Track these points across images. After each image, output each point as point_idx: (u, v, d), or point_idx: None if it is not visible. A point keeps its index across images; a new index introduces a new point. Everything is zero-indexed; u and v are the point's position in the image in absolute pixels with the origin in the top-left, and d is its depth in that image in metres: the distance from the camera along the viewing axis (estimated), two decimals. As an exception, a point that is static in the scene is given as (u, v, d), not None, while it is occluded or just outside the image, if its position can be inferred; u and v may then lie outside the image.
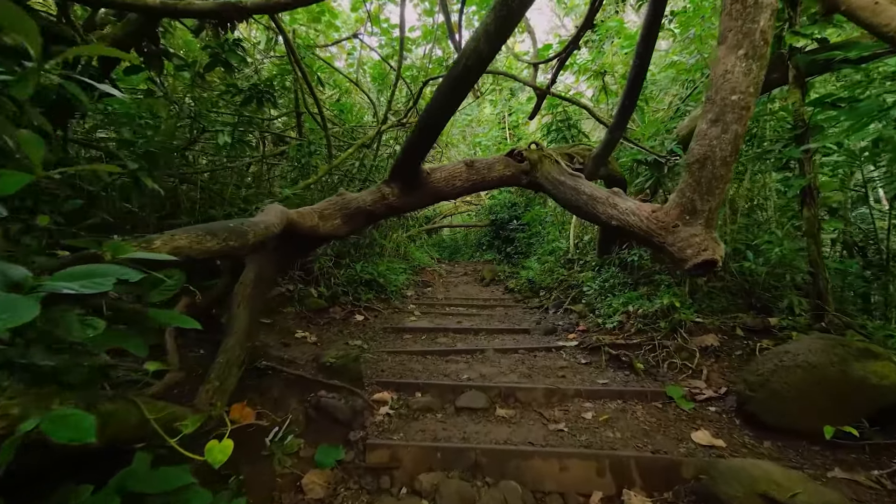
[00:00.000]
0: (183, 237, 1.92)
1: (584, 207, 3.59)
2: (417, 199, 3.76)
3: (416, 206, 3.81)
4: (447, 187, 3.81)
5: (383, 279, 7.23)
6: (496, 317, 6.65)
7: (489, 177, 3.96)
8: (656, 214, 3.10)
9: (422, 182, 3.72)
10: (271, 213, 2.87)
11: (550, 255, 8.48)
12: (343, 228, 3.62)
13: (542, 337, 5.56)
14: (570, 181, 3.79)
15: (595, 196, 3.54)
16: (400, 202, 3.70)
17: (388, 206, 3.69)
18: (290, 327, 5.25)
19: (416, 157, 3.46)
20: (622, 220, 3.29)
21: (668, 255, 3.07)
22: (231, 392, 2.86)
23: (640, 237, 3.22)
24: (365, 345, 5.09)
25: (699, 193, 2.88)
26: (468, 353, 4.95)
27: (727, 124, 2.79)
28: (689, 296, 5.04)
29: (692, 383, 4.04)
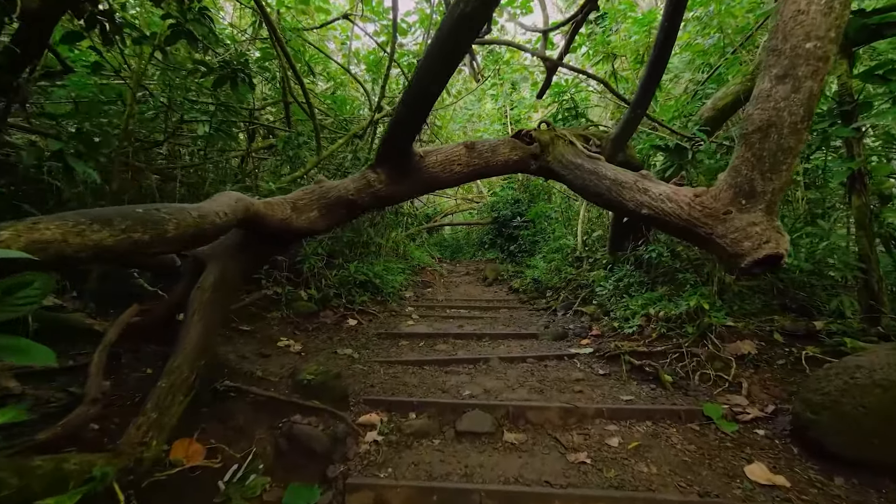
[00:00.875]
0: (52, 226, 1.29)
1: (607, 194, 2.95)
2: (409, 186, 3.12)
3: (407, 194, 3.18)
4: (444, 173, 3.17)
5: (379, 280, 6.60)
6: (500, 320, 6.02)
7: (493, 161, 3.32)
8: (701, 200, 2.45)
9: (414, 167, 3.08)
10: (220, 200, 2.24)
11: (557, 253, 7.83)
12: (321, 222, 2.99)
13: (553, 343, 4.91)
14: (588, 164, 3.15)
15: (620, 181, 2.90)
16: (388, 190, 3.07)
17: (375, 196, 3.06)
18: (274, 335, 4.62)
19: (405, 137, 2.83)
20: (655, 208, 2.65)
21: (716, 251, 2.43)
22: (174, 425, 2.23)
23: (677, 228, 2.58)
24: (356, 354, 4.46)
25: (760, 170, 2.23)
26: (470, 362, 4.31)
27: (798, 80, 2.14)
28: (717, 296, 4.38)
29: (731, 399, 3.39)
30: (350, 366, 4.10)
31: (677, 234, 2.66)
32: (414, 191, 3.18)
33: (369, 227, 7.02)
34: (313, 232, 3.00)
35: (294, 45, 5.79)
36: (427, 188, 3.22)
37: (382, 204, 3.17)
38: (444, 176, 3.17)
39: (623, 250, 6.06)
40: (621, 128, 3.63)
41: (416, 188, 3.17)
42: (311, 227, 2.95)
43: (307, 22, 6.55)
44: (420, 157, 3.10)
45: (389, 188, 3.06)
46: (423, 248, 10.67)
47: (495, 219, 10.79)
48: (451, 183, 3.24)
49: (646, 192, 2.74)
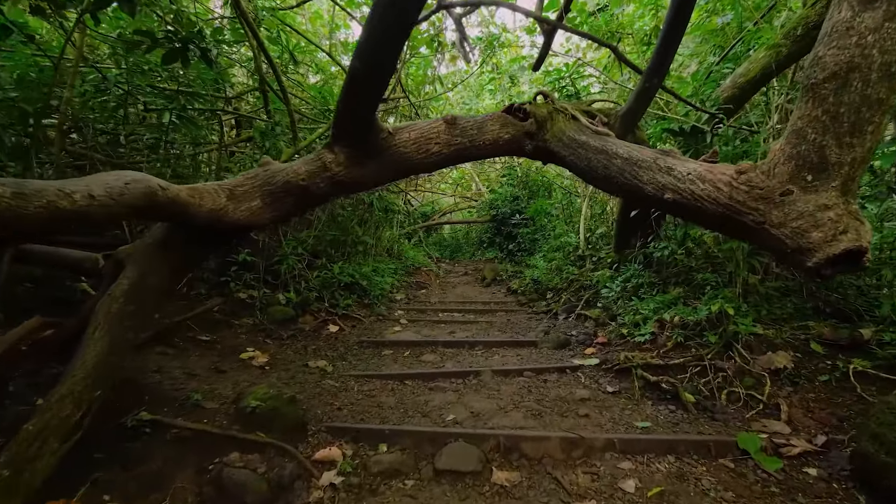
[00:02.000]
0: None
1: (619, 177, 2.31)
2: (375, 170, 2.49)
3: (373, 180, 2.54)
4: (419, 154, 2.54)
5: (367, 282, 5.98)
6: (496, 325, 5.38)
7: (479, 140, 2.68)
8: (747, 177, 1.80)
9: (380, 146, 2.45)
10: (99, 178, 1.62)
11: (558, 252, 7.18)
12: (265, 213, 2.37)
13: (553, 352, 4.27)
14: (594, 141, 2.51)
15: (635, 159, 2.26)
16: (349, 174, 2.44)
17: (333, 181, 2.43)
18: (240, 345, 4.01)
19: (365, 103, 2.20)
20: (683, 192, 2.01)
21: (771, 245, 1.78)
22: (36, 485, 1.61)
23: (715, 217, 1.93)
24: (330, 366, 3.84)
25: (835, 134, 1.58)
26: (459, 376, 3.67)
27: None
28: (741, 299, 3.72)
29: (769, 426, 2.74)
30: (319, 381, 3.48)
31: (715, 224, 2.01)
32: (382, 176, 2.54)
33: (357, 225, 6.40)
34: (255, 226, 2.37)
35: (269, 25, 5.19)
36: (398, 172, 2.59)
37: (343, 191, 2.54)
38: (419, 157, 2.54)
39: (630, 248, 5.41)
40: (633, 100, 2.99)
41: (385, 172, 2.53)
42: (253, 220, 2.33)
43: (286, 2, 5.94)
44: (388, 133, 2.47)
45: (350, 172, 2.43)
46: (418, 248, 10.04)
47: (494, 217, 10.14)
48: (427, 167, 2.60)
49: (669, 171, 2.10)
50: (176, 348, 3.56)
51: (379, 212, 6.76)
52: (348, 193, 2.55)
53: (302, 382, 3.41)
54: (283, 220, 2.55)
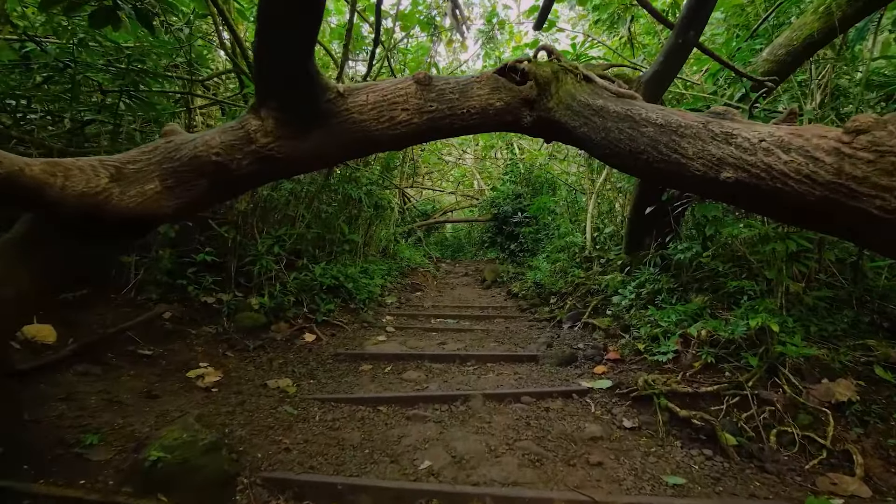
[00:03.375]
0: None
1: (651, 152, 1.61)
2: (319, 143, 1.81)
3: (319, 156, 1.86)
4: (380, 124, 1.85)
5: (353, 284, 5.31)
6: (493, 334, 4.68)
7: (461, 108, 1.99)
8: (871, 138, 1.10)
9: (327, 110, 1.77)
10: None
11: (562, 253, 6.47)
12: (166, 200, 1.69)
13: (557, 370, 3.56)
14: (616, 106, 1.82)
15: (675, 125, 1.56)
16: (283, 148, 1.76)
17: (261, 157, 1.75)
18: (191, 359, 3.35)
19: (290, 45, 1.51)
20: (753, 167, 1.29)
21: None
22: None
23: (804, 203, 1.20)
24: (293, 386, 3.17)
25: None
26: (444, 401, 2.99)
27: None
28: (783, 311, 3.00)
29: (842, 484, 2.03)
30: (275, 408, 2.81)
31: (804, 214, 1.30)
32: (330, 151, 1.86)
33: (344, 223, 5.73)
34: (154, 217, 1.70)
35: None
36: (353, 147, 1.90)
37: (277, 171, 1.86)
38: (380, 128, 1.85)
39: (643, 249, 4.70)
40: (662, 61, 2.27)
41: (334, 147, 1.85)
42: (148, 209, 1.66)
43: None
44: (338, 95, 1.79)
45: (284, 144, 1.75)
46: (415, 247, 9.36)
47: (495, 215, 9.44)
48: (392, 140, 1.91)
49: (729, 139, 1.41)
50: (106, 366, 2.91)
51: (368, 208, 6.08)
52: (286, 174, 1.89)
53: (251, 410, 2.74)
54: (194, 209, 1.88)
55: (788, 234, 2.88)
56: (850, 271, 3.36)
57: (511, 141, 10.00)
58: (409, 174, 9.46)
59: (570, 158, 8.77)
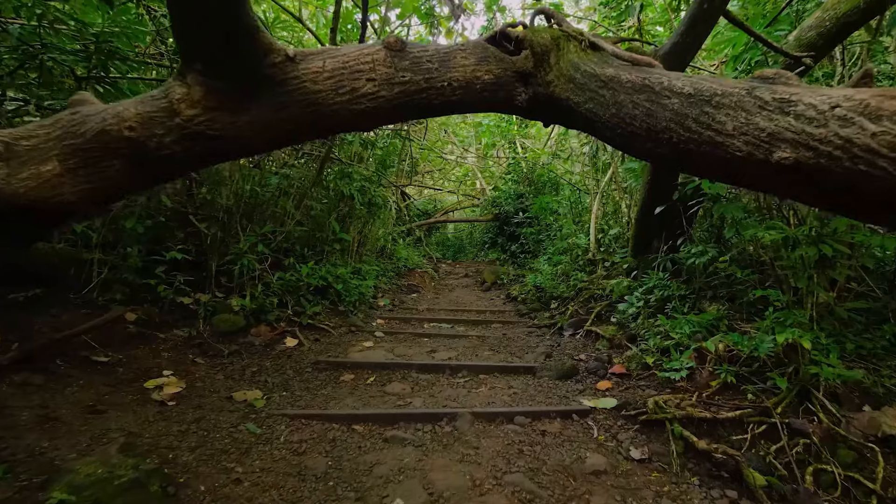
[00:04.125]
0: None
1: (676, 129, 1.22)
2: (262, 118, 1.45)
3: (263, 135, 1.49)
4: (339, 96, 1.49)
5: (342, 286, 4.96)
6: (489, 341, 4.30)
7: (441, 80, 1.62)
8: None
9: (271, 77, 1.41)
10: None
11: (564, 255, 6.08)
12: (69, 185, 1.34)
13: (555, 384, 3.19)
14: (629, 75, 1.44)
15: (708, 93, 1.17)
16: (214, 123, 1.40)
17: (187, 133, 1.39)
18: (154, 367, 3.01)
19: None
20: (823, 142, 0.89)
21: None
22: None
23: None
24: (262, 400, 2.82)
25: None
26: (429, 420, 2.62)
27: None
28: (814, 324, 2.60)
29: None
30: (235, 427, 2.46)
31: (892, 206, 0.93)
32: (277, 128, 1.49)
33: (335, 221, 5.38)
34: (54, 207, 1.34)
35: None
36: (306, 125, 1.53)
37: (213, 153, 1.49)
38: (339, 101, 1.49)
39: (651, 252, 4.30)
40: (683, 32, 1.87)
41: (283, 123, 1.48)
42: (45, 196, 1.30)
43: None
44: (286, 58, 1.43)
45: (218, 118, 1.39)
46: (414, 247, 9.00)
47: (496, 215, 9.06)
48: (356, 118, 1.54)
49: (785, 107, 1.04)
50: (51, 375, 2.57)
51: (362, 206, 5.73)
52: (225, 156, 1.53)
53: (208, 429, 2.39)
54: (108, 197, 1.50)
55: (822, 237, 2.48)
56: (885, 280, 2.96)
57: (514, 139, 9.61)
58: (407, 172, 9.09)
59: (575, 157, 8.38)
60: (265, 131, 1.48)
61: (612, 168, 6.08)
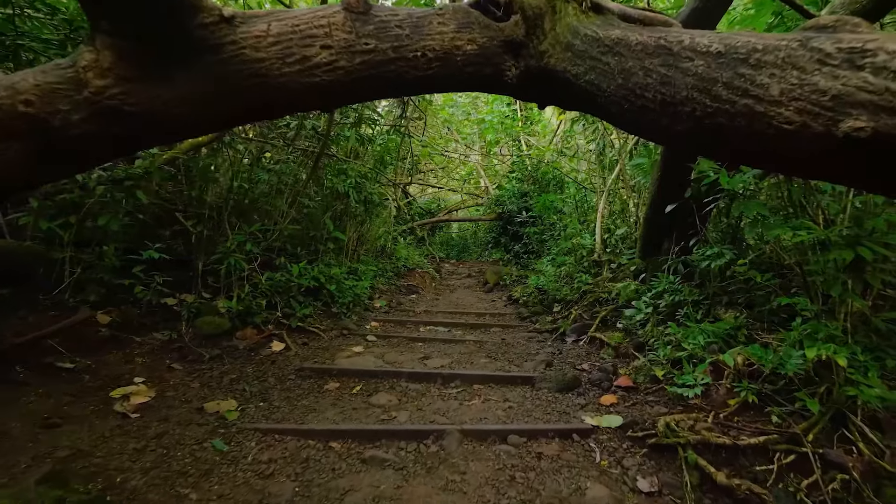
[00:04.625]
0: None
1: (701, 98, 0.91)
2: (192, 91, 1.18)
3: (196, 113, 1.24)
4: (287, 66, 1.22)
5: (335, 286, 4.71)
6: (487, 347, 4.02)
7: (412, 50, 1.35)
8: None
9: (201, 40, 1.15)
10: None
11: (568, 256, 5.76)
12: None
13: (555, 397, 2.89)
14: (638, 36, 1.14)
15: (743, 51, 0.85)
16: (133, 96, 1.14)
17: (99, 109, 1.13)
18: (125, 373, 2.79)
19: None
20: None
21: None
22: None
23: None
24: (235, 411, 2.57)
25: None
26: (414, 437, 2.35)
27: None
28: (847, 336, 2.28)
29: None
30: (200, 444, 2.21)
31: None
32: (213, 104, 1.23)
33: (328, 219, 5.14)
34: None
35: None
36: (248, 100, 1.26)
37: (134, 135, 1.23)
38: (288, 73, 1.22)
39: (661, 254, 3.98)
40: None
41: (219, 98, 1.22)
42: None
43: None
44: (220, 19, 1.16)
45: (135, 91, 1.14)
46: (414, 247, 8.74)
47: (500, 214, 8.76)
48: (309, 92, 1.28)
49: (857, 59, 0.75)
50: (8, 384, 2.35)
51: (357, 204, 5.48)
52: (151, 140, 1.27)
53: (169, 446, 2.14)
54: (4, 187, 1.26)
55: (859, 239, 2.16)
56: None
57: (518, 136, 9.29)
58: (409, 170, 8.82)
59: (580, 155, 8.05)
60: (201, 109, 1.22)
61: (619, 165, 5.76)
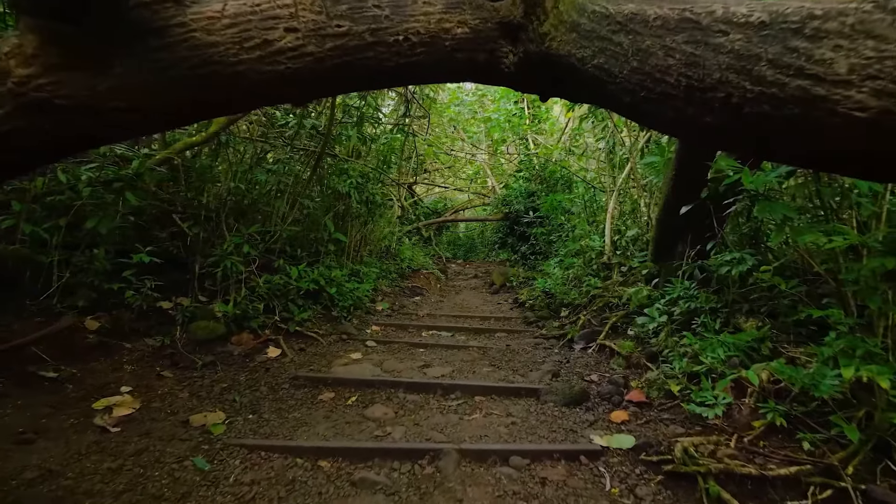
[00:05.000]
0: None
1: (740, 81, 0.81)
2: (133, 81, 1.01)
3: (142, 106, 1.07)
4: (246, 52, 1.05)
5: (336, 289, 4.57)
6: (491, 354, 3.83)
7: (393, 33, 1.16)
8: None
9: (141, 21, 0.98)
10: None
11: (577, 258, 5.54)
12: None
13: (561, 412, 2.69)
14: (656, 8, 0.93)
15: (795, 20, 0.66)
16: (63, 87, 0.98)
17: (25, 102, 0.97)
18: (112, 381, 2.66)
19: None
20: None
21: None
22: None
23: None
24: (222, 425, 2.42)
25: None
26: (408, 457, 2.18)
27: None
28: (888, 354, 2.04)
29: None
30: (182, 460, 2.06)
31: None
32: (158, 97, 1.07)
33: (329, 220, 4.99)
34: None
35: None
36: (200, 92, 1.09)
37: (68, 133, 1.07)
38: (247, 59, 1.04)
39: (675, 258, 3.74)
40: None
41: (166, 90, 1.06)
42: None
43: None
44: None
45: (65, 80, 0.97)
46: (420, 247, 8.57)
47: (506, 214, 8.55)
48: (271, 87, 1.09)
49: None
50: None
51: (359, 204, 5.32)
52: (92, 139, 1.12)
53: (146, 465, 2.00)
54: None
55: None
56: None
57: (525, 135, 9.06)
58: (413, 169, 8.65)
59: (589, 154, 7.79)
60: (146, 101, 1.05)
61: (630, 163, 5.51)
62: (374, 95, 5.47)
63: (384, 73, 1.23)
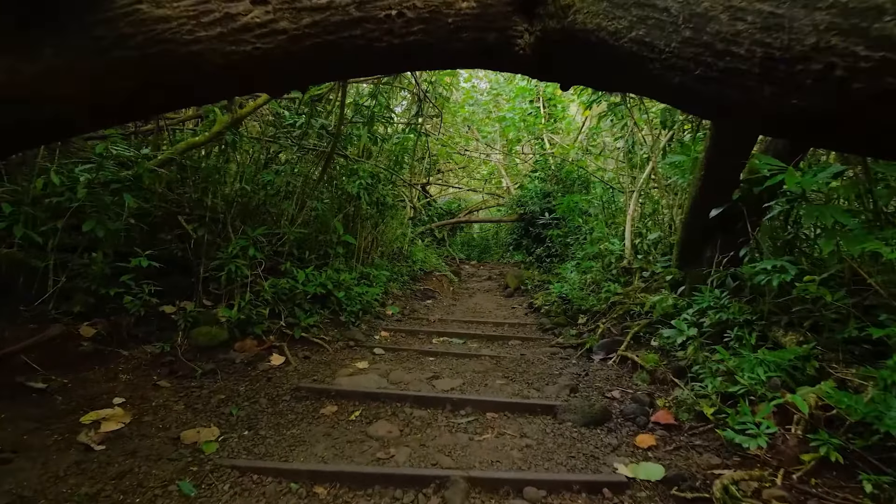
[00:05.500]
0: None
1: (844, 45, 0.53)
2: (67, 65, 0.83)
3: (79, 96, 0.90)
4: (204, 29, 0.86)
5: (344, 293, 4.40)
6: (504, 363, 3.61)
7: (384, 7, 0.96)
8: None
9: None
10: None
11: (595, 261, 5.26)
12: None
13: (581, 433, 2.45)
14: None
15: None
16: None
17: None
18: (104, 392, 2.54)
19: None
20: None
21: None
22: None
23: None
24: (215, 443, 2.27)
25: None
26: (411, 485, 1.97)
27: None
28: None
29: None
30: (167, 484, 1.91)
31: None
32: (100, 84, 0.90)
33: (338, 222, 4.83)
34: None
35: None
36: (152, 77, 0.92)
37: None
38: (204, 39, 0.85)
39: (703, 265, 3.45)
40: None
41: (107, 78, 0.88)
42: None
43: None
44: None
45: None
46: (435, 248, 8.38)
47: (521, 215, 8.29)
48: (236, 71, 0.92)
49: None
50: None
51: (368, 206, 5.15)
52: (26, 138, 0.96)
53: (128, 490, 1.85)
54: None
55: None
56: None
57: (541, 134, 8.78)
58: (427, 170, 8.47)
59: (607, 153, 7.48)
60: (83, 88, 0.87)
61: (651, 163, 5.21)
62: (385, 94, 5.30)
63: (375, 55, 1.03)
